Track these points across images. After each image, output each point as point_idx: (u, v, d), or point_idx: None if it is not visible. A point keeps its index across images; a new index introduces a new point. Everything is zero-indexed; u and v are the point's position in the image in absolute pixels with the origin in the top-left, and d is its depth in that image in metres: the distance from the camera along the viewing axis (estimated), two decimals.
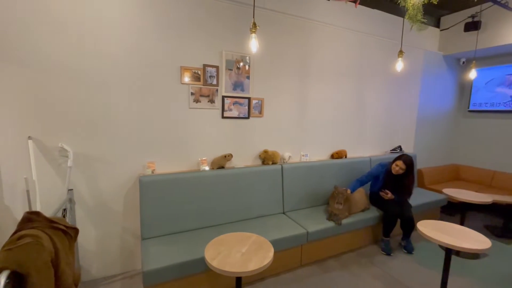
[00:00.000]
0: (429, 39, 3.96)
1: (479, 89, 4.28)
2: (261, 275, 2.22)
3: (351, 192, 2.70)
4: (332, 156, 3.25)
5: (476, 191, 3.49)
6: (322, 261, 2.51)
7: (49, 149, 1.91)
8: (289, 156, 2.86)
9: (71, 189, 1.98)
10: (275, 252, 2.18)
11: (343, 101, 3.26)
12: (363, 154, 3.54)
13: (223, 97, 2.49)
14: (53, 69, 1.86)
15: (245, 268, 1.31)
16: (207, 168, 2.44)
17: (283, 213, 2.71)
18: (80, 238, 2.07)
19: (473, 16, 3.54)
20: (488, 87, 4.16)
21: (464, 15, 3.70)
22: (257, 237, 1.66)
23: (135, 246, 2.29)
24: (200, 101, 2.39)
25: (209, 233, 2.18)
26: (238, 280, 1.51)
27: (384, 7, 3.32)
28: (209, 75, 2.40)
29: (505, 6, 2.97)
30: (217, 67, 2.43)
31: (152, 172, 2.23)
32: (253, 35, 1.66)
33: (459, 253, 2.68)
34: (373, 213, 2.77)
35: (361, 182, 2.82)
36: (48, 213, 1.30)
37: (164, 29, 2.17)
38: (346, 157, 3.29)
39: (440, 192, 3.61)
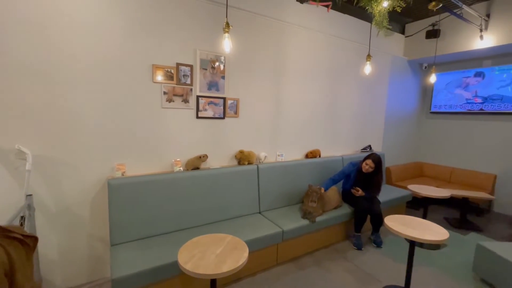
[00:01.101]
0: (395, 44, 4.21)
1: (439, 92, 4.64)
2: (237, 276, 2.21)
3: (325, 190, 2.79)
4: (307, 156, 3.33)
5: (437, 187, 3.77)
6: (297, 259, 2.56)
7: (4, 151, 1.75)
8: (265, 156, 2.89)
9: (30, 195, 1.82)
10: (251, 252, 2.19)
11: (317, 102, 3.36)
12: (336, 154, 3.68)
13: (198, 96, 2.45)
14: (11, 68, 1.70)
15: (219, 270, 1.30)
16: (181, 169, 2.38)
17: (259, 212, 2.72)
18: (41, 247, 1.92)
19: (433, 25, 3.83)
20: (447, 90, 4.52)
21: (425, 24, 3.99)
22: (232, 238, 1.65)
23: (104, 253, 2.17)
24: (173, 101, 2.33)
25: (184, 236, 2.13)
26: (213, 282, 1.49)
27: (354, 12, 3.47)
28: (182, 74, 2.35)
29: (460, 16, 3.25)
30: (191, 66, 2.38)
31: (122, 175, 2.13)
32: (226, 34, 1.65)
33: (422, 244, 2.88)
34: (345, 210, 2.88)
35: (334, 181, 2.92)
36: (2, 221, 1.19)
37: (135, 26, 2.08)
38: (320, 156, 3.39)
39: (406, 188, 3.85)
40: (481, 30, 3.42)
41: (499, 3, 3.31)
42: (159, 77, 2.23)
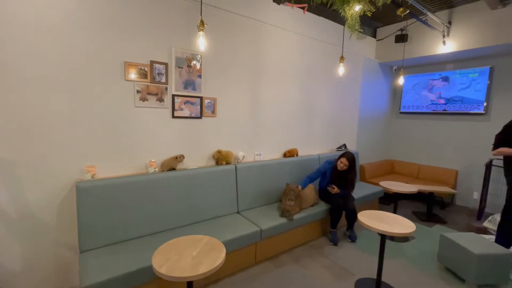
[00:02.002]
0: (367, 47, 4.40)
1: (407, 94, 4.92)
2: (215, 277, 2.19)
3: (302, 188, 2.85)
4: (285, 155, 3.38)
5: (406, 183, 3.99)
6: (276, 257, 2.59)
7: None
8: (243, 156, 2.88)
9: None
10: (229, 252, 2.18)
11: (294, 102, 3.41)
12: (313, 152, 3.77)
13: (173, 95, 2.39)
14: None
15: (195, 272, 1.28)
16: (156, 170, 2.31)
17: (238, 212, 2.72)
18: (0, 257, 1.77)
19: (401, 30, 4.05)
20: (414, 92, 4.81)
21: (394, 28, 4.21)
22: (209, 239, 1.63)
23: (72, 261, 2.04)
24: (147, 100, 2.25)
25: (159, 239, 2.07)
26: (190, 284, 1.46)
27: (328, 15, 3.58)
28: (157, 72, 2.28)
29: (425, 22, 3.47)
30: (166, 64, 2.32)
31: (92, 177, 2.02)
32: (201, 33, 1.62)
33: (393, 238, 3.04)
34: (322, 207, 2.96)
35: (311, 179, 2.99)
36: None
37: (104, 21, 1.98)
38: (297, 155, 3.46)
39: (378, 185, 4.04)
40: (444, 36, 3.68)
41: (459, 11, 3.58)
42: (132, 75, 2.15)
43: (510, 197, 2.41)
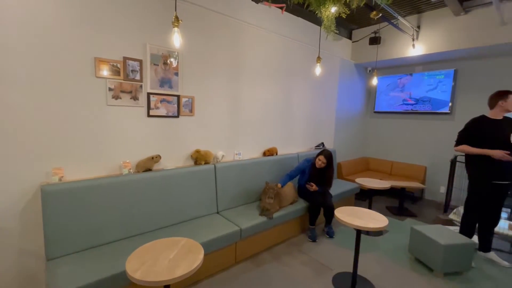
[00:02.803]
0: (343, 49, 4.53)
1: (381, 94, 5.14)
2: (194, 279, 2.15)
3: (282, 186, 2.88)
4: (264, 154, 3.39)
5: (380, 179, 4.18)
6: (256, 256, 2.59)
7: None
8: (222, 155, 2.85)
9: None
10: (209, 253, 2.15)
11: (273, 101, 3.44)
12: (292, 151, 3.82)
13: (149, 94, 2.31)
14: None
15: (172, 275, 1.24)
16: (131, 171, 2.22)
17: (217, 212, 2.69)
18: None
19: (375, 32, 4.22)
20: (387, 92, 5.04)
21: (369, 31, 4.37)
22: (187, 240, 1.59)
23: (38, 270, 1.91)
24: (120, 98, 2.15)
25: (135, 243, 1.99)
26: None
27: (305, 16, 3.64)
28: (131, 69, 2.18)
29: (396, 26, 3.64)
30: (140, 61, 2.23)
31: (60, 180, 1.89)
32: (176, 29, 1.58)
33: (368, 232, 3.16)
34: (301, 204, 3.01)
35: (290, 176, 3.04)
36: None
37: (72, 14, 1.87)
38: (276, 154, 3.49)
39: (354, 182, 4.18)
40: (413, 40, 3.88)
41: (426, 16, 3.79)
42: (103, 71, 2.04)
43: (471, 190, 2.60)
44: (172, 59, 2.43)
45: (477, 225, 2.66)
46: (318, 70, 2.63)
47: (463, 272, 2.41)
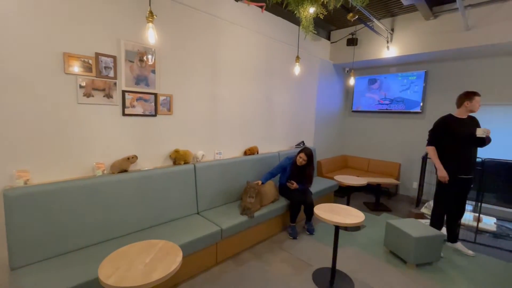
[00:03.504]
0: (322, 49, 4.62)
1: (358, 94, 5.31)
2: (173, 282, 2.10)
3: (263, 183, 2.90)
4: (245, 153, 3.39)
5: (358, 176, 4.31)
6: (237, 255, 2.58)
7: None
8: (202, 155, 2.81)
9: None
10: (189, 255, 2.11)
11: (253, 100, 3.43)
12: (273, 150, 3.84)
13: (124, 91, 2.21)
14: None
15: (148, 280, 1.20)
16: (105, 172, 2.12)
17: (198, 213, 2.64)
18: None
19: (352, 34, 4.35)
20: (364, 92, 5.21)
21: (346, 32, 4.49)
22: (165, 243, 1.55)
23: (1, 281, 1.77)
24: (93, 96, 2.05)
25: (110, 248, 1.90)
26: None
27: (285, 15, 3.67)
28: (104, 65, 2.08)
29: (372, 28, 3.77)
30: (114, 57, 2.13)
31: (25, 183, 1.77)
32: (150, 24, 1.52)
33: (347, 228, 3.26)
34: (282, 203, 3.04)
35: (271, 174, 3.08)
36: None
37: (40, 5, 1.74)
38: (257, 153, 3.49)
39: (333, 179, 4.29)
40: (387, 42, 4.04)
41: (400, 20, 3.96)
42: (73, 67, 1.93)
43: (438, 185, 2.76)
44: (149, 56, 2.35)
45: (445, 217, 2.83)
46: (297, 69, 2.66)
47: (433, 262, 2.56)
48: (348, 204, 3.46)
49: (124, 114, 2.24)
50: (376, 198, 4.17)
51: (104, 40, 2.07)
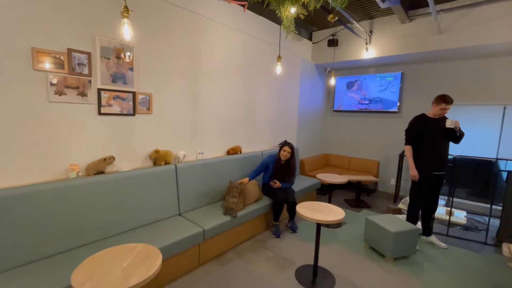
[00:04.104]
0: (304, 49, 4.69)
1: (339, 94, 5.43)
2: (154, 286, 2.04)
3: (250, 180, 3.03)
4: (228, 153, 3.36)
5: (339, 174, 4.42)
6: (220, 256, 2.56)
7: None
8: (184, 155, 2.76)
9: None
10: (170, 257, 2.06)
11: (236, 99, 3.41)
12: (256, 149, 3.84)
13: (99, 90, 2.12)
14: None
15: (125, 285, 1.16)
16: (80, 174, 2.02)
17: (179, 214, 2.59)
18: None
19: (332, 35, 4.43)
20: (344, 92, 5.34)
21: (327, 33, 4.58)
22: (144, 246, 1.50)
23: None
24: (65, 94, 1.94)
25: (85, 253, 1.82)
26: None
27: (267, 15, 3.68)
28: (77, 62, 1.98)
29: (351, 30, 3.87)
30: (88, 54, 2.04)
31: None
32: (126, 20, 1.47)
33: (328, 225, 3.33)
34: (265, 202, 3.04)
35: (256, 172, 3.18)
36: None
37: None
38: (240, 152, 3.48)
39: (315, 177, 4.37)
40: (366, 43, 4.16)
41: (378, 22, 4.09)
42: (43, 64, 1.82)
43: (413, 182, 2.88)
44: (128, 53, 2.26)
45: (420, 212, 2.97)
46: (279, 69, 2.67)
47: (410, 255, 2.67)
48: (329, 201, 3.53)
49: (100, 113, 2.14)
50: (357, 195, 4.29)
51: (77, 35, 1.97)
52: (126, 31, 1.49)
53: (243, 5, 3.14)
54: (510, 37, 3.08)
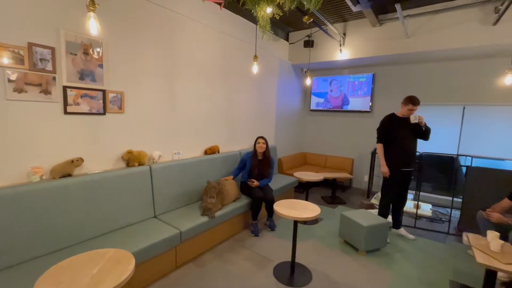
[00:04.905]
0: (281, 49, 4.74)
1: (315, 93, 5.57)
2: None
3: (234, 178, 3.11)
4: (206, 152, 3.32)
5: (316, 172, 4.54)
6: (198, 257, 2.52)
7: None
8: (159, 156, 2.67)
9: None
10: (145, 261, 1.99)
11: (213, 99, 3.38)
12: (234, 148, 3.83)
13: (65, 87, 1.99)
14: None
15: None
16: (44, 178, 1.89)
17: (155, 217, 2.51)
18: None
19: (308, 36, 4.53)
20: (320, 92, 5.49)
21: (303, 34, 4.67)
22: (116, 251, 1.44)
23: None
24: (25, 91, 1.80)
25: (50, 262, 1.70)
26: None
27: (244, 14, 3.67)
28: (39, 57, 1.85)
29: (326, 31, 3.98)
30: (52, 49, 1.91)
31: None
32: (91, 14, 1.39)
33: (306, 222, 3.40)
34: (243, 201, 3.04)
35: (239, 169, 3.28)
36: None
37: None
38: (218, 152, 3.45)
39: (293, 175, 4.45)
40: (340, 45, 4.30)
41: (351, 25, 4.25)
42: (0, 59, 1.68)
43: (383, 178, 3.04)
44: (98, 49, 2.15)
45: (390, 206, 3.13)
46: (255, 68, 2.68)
47: (381, 248, 2.81)
48: (306, 199, 3.61)
49: (66, 113, 2.02)
50: (332, 192, 4.43)
51: (39, 28, 1.83)
52: (93, 26, 1.41)
53: (219, 3, 3.11)
54: (465, 43, 3.35)
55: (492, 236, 1.95)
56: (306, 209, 2.27)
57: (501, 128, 3.89)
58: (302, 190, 4.81)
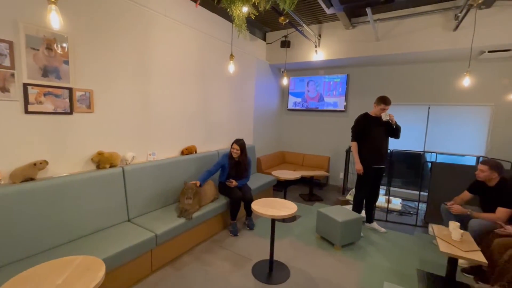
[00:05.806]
0: (259, 49, 4.76)
1: (292, 93, 5.67)
2: None
3: (201, 183, 2.83)
4: (182, 153, 3.25)
5: (294, 170, 4.62)
6: (175, 260, 2.46)
7: None
8: (133, 157, 2.57)
9: None
10: (118, 267, 1.91)
11: (190, 98, 3.31)
12: (212, 148, 3.78)
13: (25, 84, 1.85)
14: None
15: None
16: (2, 183, 1.74)
17: (128, 220, 2.42)
18: None
19: (285, 36, 4.59)
20: (297, 91, 5.59)
21: (280, 35, 4.72)
22: (84, 258, 1.36)
23: None
24: None
25: (13, 271, 1.57)
26: None
27: (220, 12, 3.64)
28: None
29: (301, 32, 4.06)
30: (10, 43, 1.76)
31: None
32: (53, 6, 1.30)
33: (284, 220, 3.45)
34: (222, 201, 3.02)
35: (210, 172, 3.04)
36: None
37: None
38: (196, 152, 3.39)
39: (271, 174, 4.49)
40: (316, 46, 4.41)
41: (325, 27, 4.37)
42: None
43: (357, 175, 3.17)
44: (64, 44, 2.02)
45: (364, 202, 3.27)
46: (231, 67, 2.67)
47: (355, 242, 2.93)
48: (285, 197, 3.67)
49: (27, 112, 1.88)
50: (310, 189, 4.54)
51: None
52: (54, 19, 1.32)
53: (195, 1, 3.05)
54: (428, 47, 3.58)
55: (453, 226, 2.11)
56: (284, 207, 2.30)
57: (462, 126, 4.22)
58: (281, 188, 4.85)
